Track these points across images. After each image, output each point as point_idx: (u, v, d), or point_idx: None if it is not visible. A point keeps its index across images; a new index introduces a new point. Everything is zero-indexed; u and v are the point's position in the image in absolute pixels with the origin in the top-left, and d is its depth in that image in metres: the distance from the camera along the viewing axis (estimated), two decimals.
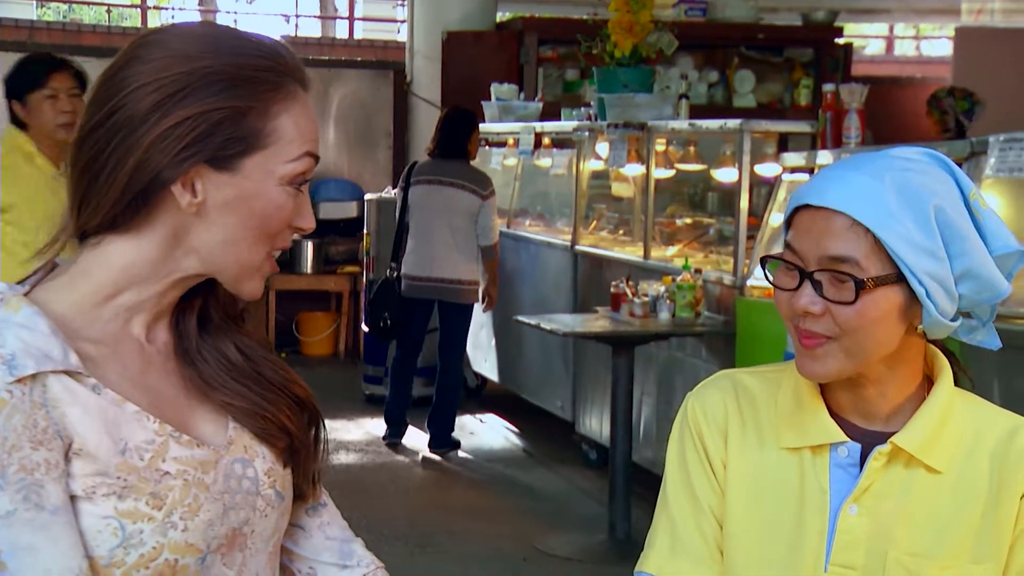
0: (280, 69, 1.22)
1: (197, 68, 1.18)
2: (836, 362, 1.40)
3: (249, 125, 1.18)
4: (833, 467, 1.45)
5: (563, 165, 7.05)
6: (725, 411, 1.51)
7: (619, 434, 5.05)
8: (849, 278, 1.36)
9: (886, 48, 17.33)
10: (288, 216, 1.22)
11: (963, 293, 1.40)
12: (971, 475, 1.45)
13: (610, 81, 6.26)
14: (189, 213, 1.19)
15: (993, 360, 3.57)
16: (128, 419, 1.17)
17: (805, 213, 1.40)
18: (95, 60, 10.52)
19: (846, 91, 4.98)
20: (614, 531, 4.96)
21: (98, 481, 1.14)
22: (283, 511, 1.30)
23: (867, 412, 1.46)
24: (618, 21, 6.20)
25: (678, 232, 6.25)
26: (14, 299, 1.16)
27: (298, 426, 1.31)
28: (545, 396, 6.82)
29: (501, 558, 4.92)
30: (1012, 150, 3.67)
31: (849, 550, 1.43)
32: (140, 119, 1.16)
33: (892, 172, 1.38)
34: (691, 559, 1.49)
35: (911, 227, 1.36)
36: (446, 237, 6.25)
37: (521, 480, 6.11)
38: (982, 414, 1.49)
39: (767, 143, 5.37)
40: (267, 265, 1.24)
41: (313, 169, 1.24)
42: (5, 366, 1.11)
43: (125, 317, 1.22)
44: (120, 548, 1.14)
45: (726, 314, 5.10)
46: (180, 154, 1.16)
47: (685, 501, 1.51)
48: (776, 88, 9.00)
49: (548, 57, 8.77)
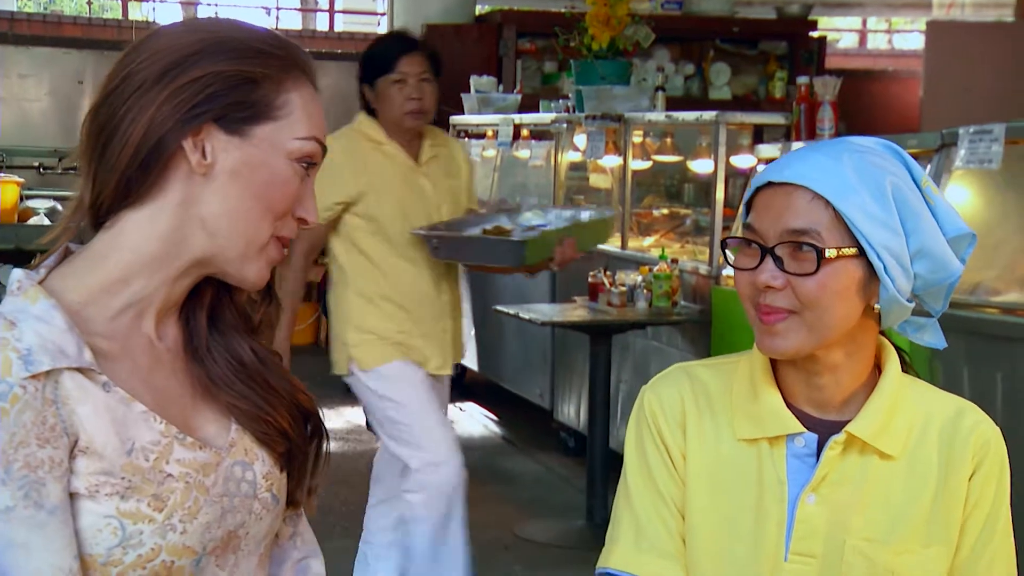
0: (292, 54, 1.23)
1: (211, 36, 1.20)
2: (798, 337, 1.40)
3: (261, 93, 1.19)
4: (790, 457, 1.46)
5: (541, 156, 7.05)
6: (682, 404, 1.51)
7: (597, 421, 5.06)
8: (811, 249, 1.37)
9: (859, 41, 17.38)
10: (292, 196, 1.21)
11: (918, 272, 1.41)
12: (922, 459, 1.46)
13: (588, 73, 6.26)
14: (198, 174, 1.18)
15: (962, 349, 3.60)
16: (135, 419, 1.16)
17: (765, 192, 1.42)
18: (75, 52, 10.49)
19: (820, 84, 4.99)
20: (592, 517, 4.98)
21: (102, 480, 1.13)
22: (277, 514, 1.29)
23: (821, 401, 1.46)
24: (595, 14, 6.20)
25: (655, 223, 6.26)
26: (32, 289, 1.15)
27: (298, 433, 1.30)
28: (524, 384, 6.82)
29: (481, 545, 4.92)
30: (982, 142, 3.68)
31: (808, 539, 1.44)
32: (153, 80, 1.17)
33: (849, 153, 1.41)
34: (656, 553, 1.49)
35: (869, 201, 1.37)
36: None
37: (500, 467, 6.12)
38: (929, 398, 1.50)
39: (742, 135, 5.38)
40: (273, 249, 1.23)
41: (320, 159, 1.24)
42: (21, 361, 1.10)
43: (137, 311, 1.20)
44: (119, 548, 1.13)
45: (702, 303, 5.11)
46: (191, 111, 1.17)
47: (647, 495, 1.51)
48: (751, 81, 9.01)
49: (527, 50, 8.76)
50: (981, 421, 1.48)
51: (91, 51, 10.31)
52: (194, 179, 1.19)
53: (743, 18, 9.21)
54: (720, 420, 1.49)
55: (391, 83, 3.57)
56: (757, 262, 1.40)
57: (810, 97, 5.00)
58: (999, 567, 1.47)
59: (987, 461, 1.46)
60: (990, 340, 3.55)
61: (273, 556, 1.36)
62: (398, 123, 3.60)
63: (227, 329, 1.28)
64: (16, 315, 1.13)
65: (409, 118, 3.60)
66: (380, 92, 3.60)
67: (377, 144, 3.63)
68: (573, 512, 5.19)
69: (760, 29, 9.14)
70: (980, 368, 3.58)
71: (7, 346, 1.10)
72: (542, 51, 8.69)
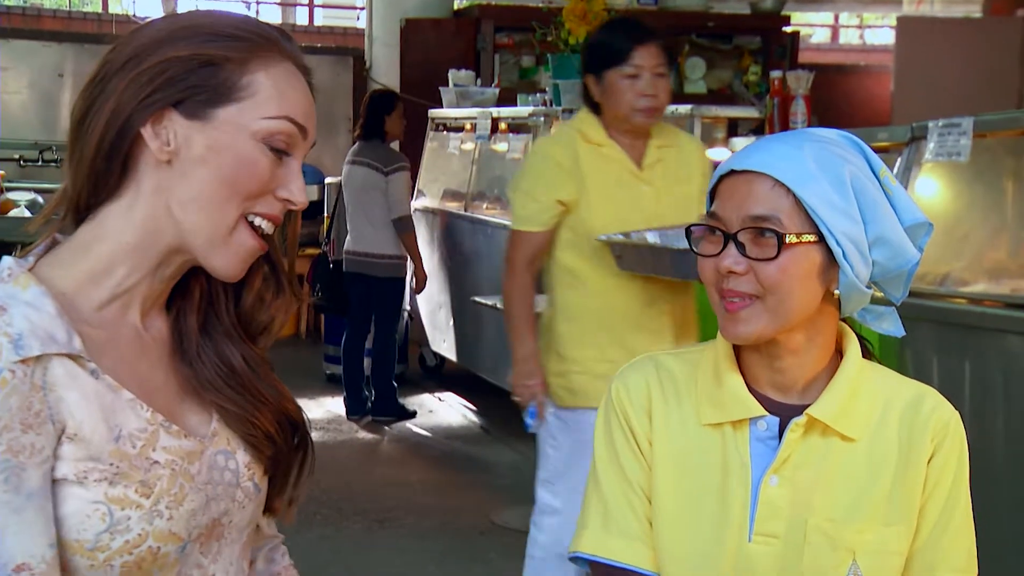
0: (265, 36, 1.20)
1: (177, 24, 1.19)
2: (760, 322, 1.41)
3: (223, 76, 1.17)
4: (753, 441, 1.47)
5: (519, 149, 7.04)
6: (648, 392, 1.52)
7: None
8: (772, 234, 1.38)
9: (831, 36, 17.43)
10: (264, 178, 1.18)
11: (876, 259, 1.43)
12: (882, 442, 1.47)
13: (565, 67, 6.27)
14: (163, 162, 1.16)
15: (932, 339, 3.62)
16: (123, 406, 1.15)
17: (728, 180, 1.44)
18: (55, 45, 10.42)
19: (793, 78, 5.01)
20: None
21: (90, 466, 1.12)
22: (259, 503, 1.29)
23: (783, 385, 1.48)
24: (572, 9, 6.21)
25: None
26: (22, 275, 1.15)
27: (284, 439, 1.29)
28: (502, 374, 6.79)
29: (459, 532, 4.94)
30: (950, 135, 3.70)
31: (771, 520, 1.45)
32: (117, 69, 1.17)
33: (810, 143, 1.42)
34: (624, 536, 1.50)
35: (828, 189, 1.39)
36: (361, 214, 6.45)
37: (478, 456, 6.13)
38: (890, 383, 1.52)
39: (717, 128, 5.41)
40: (244, 235, 1.19)
41: (296, 138, 1.20)
42: (12, 345, 1.09)
43: (122, 302, 1.20)
44: (107, 533, 1.12)
45: None
46: (149, 97, 1.15)
47: (615, 480, 1.52)
48: (726, 75, 9.04)
49: (504, 44, 8.75)
50: (940, 405, 1.50)
51: (71, 44, 10.24)
52: (161, 167, 1.17)
53: (718, 13, 9.23)
54: (685, 406, 1.51)
55: (623, 76, 3.14)
56: (720, 248, 1.42)
57: (783, 91, 5.02)
58: (959, 549, 1.49)
59: (946, 444, 1.48)
60: (959, 330, 3.58)
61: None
62: (626, 119, 3.19)
63: (219, 335, 1.26)
64: (7, 301, 1.12)
65: (640, 115, 3.18)
66: (608, 85, 3.17)
67: (596, 146, 3.22)
68: None
69: (734, 24, 9.17)
70: (949, 357, 3.60)
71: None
72: (520, 45, 8.69)
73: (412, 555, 4.64)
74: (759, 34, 9.06)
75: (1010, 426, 3.40)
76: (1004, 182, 4.00)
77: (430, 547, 4.74)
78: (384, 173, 6.34)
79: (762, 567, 1.45)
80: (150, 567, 1.16)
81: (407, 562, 4.57)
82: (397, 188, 6.36)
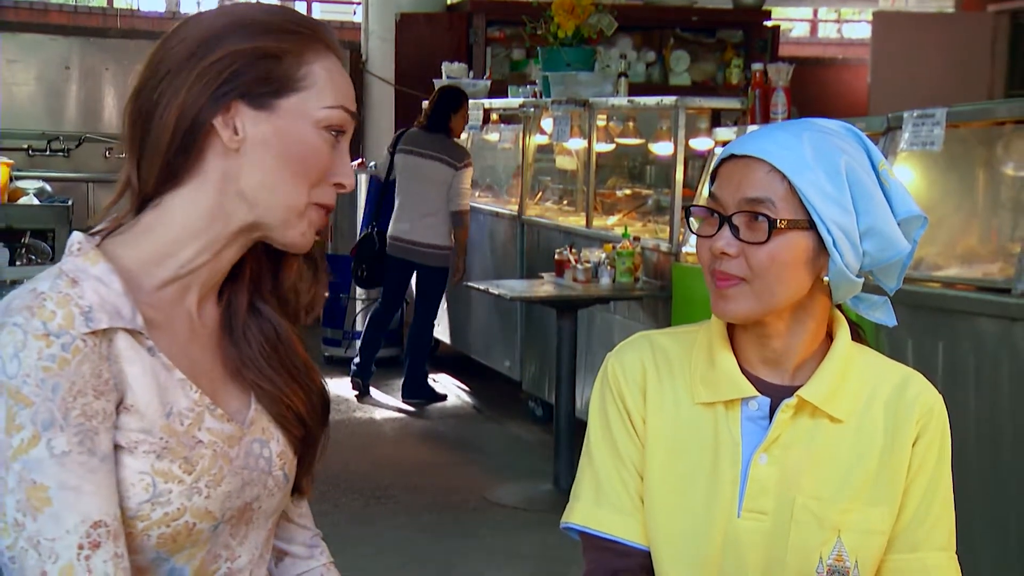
0: (313, 29, 1.22)
1: (233, 18, 1.20)
2: (747, 303, 1.41)
3: (283, 68, 1.18)
4: (744, 420, 1.47)
5: (510, 139, 7.03)
6: (643, 370, 1.51)
7: (563, 392, 5.07)
8: (764, 219, 1.38)
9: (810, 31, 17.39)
10: (326, 162, 1.21)
11: (867, 250, 1.42)
12: (869, 424, 1.47)
13: (554, 60, 6.25)
14: (232, 150, 1.18)
15: (906, 321, 3.63)
16: (175, 385, 1.17)
17: (728, 164, 1.43)
18: (62, 38, 10.36)
19: (773, 70, 5.00)
20: (558, 482, 5.00)
21: (142, 437, 1.14)
22: (286, 492, 1.30)
23: (775, 367, 1.47)
24: (561, 4, 6.19)
25: (618, 202, 6.26)
26: (92, 251, 1.17)
27: (313, 419, 1.30)
28: (494, 357, 6.83)
29: (452, 508, 4.94)
30: (924, 125, 3.70)
31: (760, 497, 1.45)
32: (181, 65, 1.18)
33: (810, 132, 1.42)
34: (615, 509, 1.50)
35: (823, 178, 1.38)
36: (421, 205, 6.38)
37: (471, 435, 6.13)
38: (877, 366, 1.51)
39: (700, 119, 5.39)
40: (314, 214, 1.22)
41: (349, 127, 1.23)
42: (83, 317, 1.11)
43: (182, 285, 1.21)
44: (148, 503, 1.14)
45: (663, 279, 5.12)
46: (218, 90, 1.17)
47: (608, 456, 1.51)
48: (709, 67, 9.01)
49: (496, 37, 8.72)
50: (925, 390, 1.49)
51: (77, 38, 10.20)
52: (229, 155, 1.19)
53: (701, 8, 9.20)
54: (679, 385, 1.50)
55: None
56: (716, 230, 1.41)
57: (764, 83, 5.00)
58: (941, 529, 1.49)
59: (930, 428, 1.47)
60: (932, 312, 3.58)
61: (283, 534, 1.38)
62: None
63: (262, 313, 1.28)
64: (78, 274, 1.14)
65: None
66: None
67: None
68: (540, 477, 5.21)
69: (717, 18, 9.14)
70: (923, 338, 3.61)
71: (70, 302, 1.11)
72: (511, 39, 8.66)
73: (407, 531, 4.65)
74: (741, 28, 9.04)
75: (980, 405, 3.41)
76: (976, 171, 4.00)
77: (425, 523, 4.74)
78: (456, 168, 6.32)
79: (750, 542, 1.45)
80: (184, 542, 1.17)
81: (402, 537, 4.57)
82: (462, 183, 6.33)
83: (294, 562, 1.39)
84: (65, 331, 1.10)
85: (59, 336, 1.09)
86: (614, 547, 1.50)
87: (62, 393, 1.09)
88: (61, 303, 1.11)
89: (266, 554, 1.30)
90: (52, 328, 1.09)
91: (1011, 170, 3.83)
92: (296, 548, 1.39)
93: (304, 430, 1.29)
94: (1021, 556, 3.30)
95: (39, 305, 1.10)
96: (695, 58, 8.95)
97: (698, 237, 1.44)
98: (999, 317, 3.38)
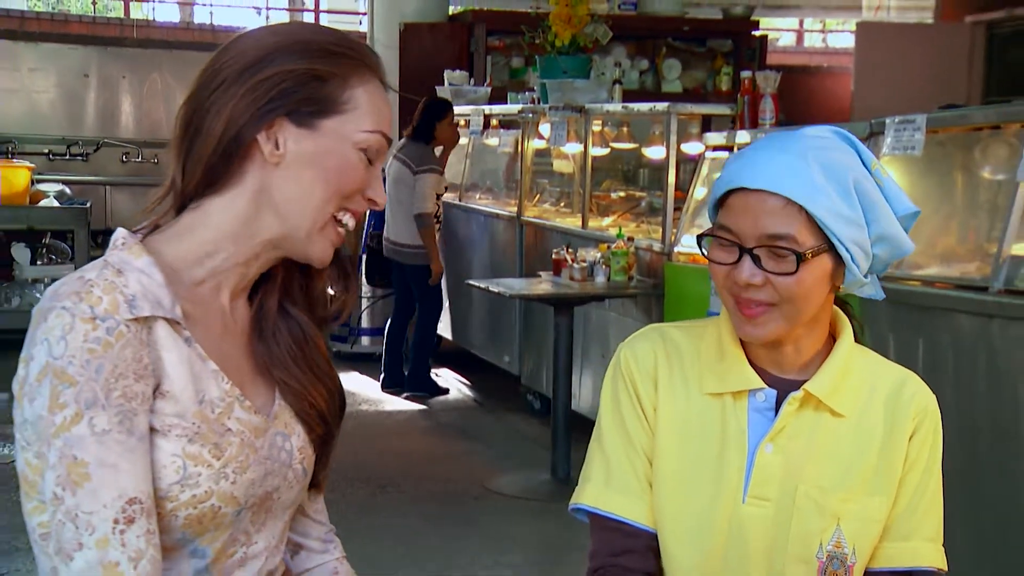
0: (360, 53, 1.23)
1: (286, 38, 1.21)
2: (776, 326, 1.41)
3: (329, 90, 1.20)
4: (751, 411, 1.47)
5: (509, 144, 7.03)
6: (655, 360, 1.51)
7: (560, 385, 5.07)
8: (789, 252, 1.37)
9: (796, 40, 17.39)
10: (361, 180, 1.22)
11: (877, 254, 1.42)
12: (868, 419, 1.48)
13: (551, 68, 6.25)
14: (272, 164, 1.20)
15: (888, 317, 3.63)
16: (208, 375, 1.18)
17: (739, 195, 1.40)
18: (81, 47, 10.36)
19: (761, 78, 5.00)
20: (556, 472, 4.99)
21: (175, 422, 1.15)
22: (304, 486, 1.31)
23: (782, 363, 1.48)
24: (558, 14, 6.18)
25: (612, 204, 6.26)
26: (135, 245, 1.19)
27: (332, 418, 1.31)
28: (494, 352, 6.82)
29: (454, 497, 4.94)
30: (905, 130, 3.71)
31: (764, 484, 1.45)
32: (233, 78, 1.19)
33: (813, 151, 1.39)
34: (624, 492, 1.50)
35: (837, 200, 1.37)
36: (396, 206, 6.44)
37: (472, 427, 6.13)
38: (877, 366, 1.52)
39: (692, 124, 5.38)
40: (332, 229, 1.23)
41: (384, 150, 1.24)
42: (127, 304, 1.13)
43: (215, 283, 1.23)
44: (178, 485, 1.15)
45: (655, 277, 5.12)
46: (265, 106, 1.18)
47: (618, 441, 1.51)
48: (700, 75, 9.01)
49: (496, 46, 8.71)
50: (922, 390, 1.51)
51: (95, 47, 10.19)
52: (268, 168, 1.20)
53: (692, 18, 9.20)
54: (689, 376, 1.50)
55: None
56: (734, 259, 1.40)
57: (753, 90, 5.00)
58: (931, 520, 1.50)
59: (924, 425, 1.49)
60: (912, 309, 3.59)
61: (299, 528, 1.38)
62: None
63: (291, 315, 1.29)
64: (122, 265, 1.16)
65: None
66: None
67: None
68: (538, 467, 5.20)
69: (708, 28, 9.13)
70: (903, 334, 3.61)
71: (115, 289, 1.13)
72: (510, 47, 8.65)
73: (411, 518, 4.65)
74: (730, 38, 9.03)
75: (959, 396, 3.42)
76: (954, 174, 4.00)
77: (427, 511, 4.74)
78: (413, 172, 6.33)
79: (754, 527, 1.45)
80: (208, 524, 1.17)
81: (406, 524, 4.57)
82: (422, 187, 6.32)
83: (309, 555, 1.39)
84: (110, 316, 1.11)
85: (104, 320, 1.11)
86: (622, 527, 1.50)
87: (105, 374, 1.10)
88: (107, 290, 1.12)
89: (281, 544, 1.31)
90: (98, 312, 1.11)
91: (988, 174, 3.83)
92: (311, 542, 1.40)
93: (325, 428, 1.30)
94: (996, 542, 3.31)
95: (87, 291, 1.12)
96: (686, 66, 8.95)
97: (714, 264, 1.42)
98: (976, 314, 3.38)
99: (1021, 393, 3.23)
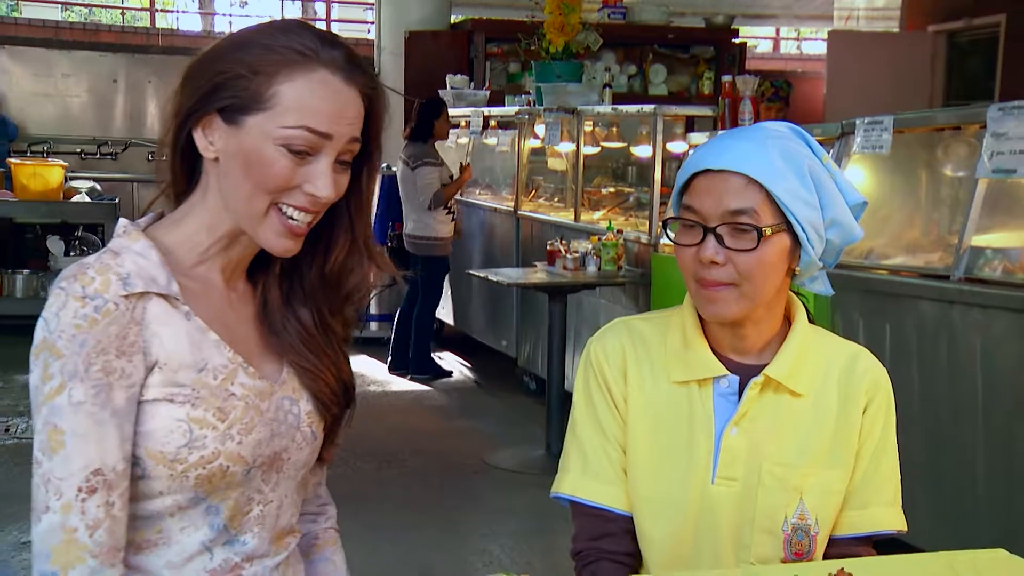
0: (310, 51, 1.15)
1: (233, 38, 1.19)
2: (737, 305, 1.39)
3: (253, 87, 1.15)
4: (716, 396, 1.45)
5: (507, 143, 7.02)
6: (623, 353, 1.49)
7: (554, 367, 5.07)
8: (750, 228, 1.35)
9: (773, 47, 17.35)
10: (284, 176, 1.15)
11: (829, 238, 1.41)
12: (825, 396, 1.46)
13: (546, 73, 6.23)
14: (210, 159, 1.18)
15: (858, 304, 3.63)
16: (209, 345, 1.18)
17: (702, 178, 1.39)
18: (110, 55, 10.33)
19: (741, 82, 4.99)
20: (550, 447, 5.00)
21: (176, 390, 1.14)
22: (314, 449, 1.28)
23: (742, 348, 1.46)
24: (552, 22, 6.16)
25: (603, 199, 6.25)
26: (134, 232, 1.19)
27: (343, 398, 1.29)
28: (493, 336, 6.82)
29: (455, 471, 4.94)
30: (874, 131, 3.70)
31: (731, 465, 1.44)
32: (186, 79, 1.19)
33: (772, 139, 1.39)
34: (600, 480, 1.49)
35: (794, 182, 1.36)
36: (405, 203, 6.45)
37: (472, 406, 6.13)
38: (831, 345, 1.50)
39: (676, 125, 5.37)
40: (278, 221, 1.17)
41: (318, 142, 1.16)
42: (120, 282, 1.13)
43: (208, 266, 1.22)
44: (185, 448, 1.14)
45: (643, 267, 5.12)
46: (198, 103, 1.17)
47: (592, 432, 1.50)
48: (684, 79, 8.99)
49: (494, 52, 8.69)
50: (873, 365, 1.49)
51: (124, 54, 10.18)
52: (215, 164, 1.18)
53: (677, 27, 9.17)
54: (656, 366, 1.48)
55: None
56: (699, 239, 1.38)
57: (733, 93, 5.00)
58: (888, 486, 1.49)
59: (877, 398, 1.47)
60: (880, 296, 3.59)
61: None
62: None
63: (298, 302, 1.27)
64: (120, 249, 1.17)
65: None
66: None
67: None
68: (533, 443, 5.21)
69: (691, 36, 9.11)
70: (872, 320, 3.61)
71: (110, 270, 1.13)
72: (507, 54, 8.63)
73: (415, 490, 4.65)
74: (712, 45, 9.01)
75: (923, 378, 3.42)
76: (919, 171, 4.00)
77: (430, 484, 4.74)
78: (411, 168, 6.33)
79: (723, 506, 1.44)
80: (218, 483, 1.17)
81: (411, 496, 4.58)
82: (421, 180, 6.32)
83: (301, 522, 1.38)
84: (99, 295, 1.11)
85: (94, 299, 1.11)
86: (600, 513, 1.49)
87: (88, 349, 1.10)
88: (101, 271, 1.13)
89: (297, 501, 1.30)
90: (89, 292, 1.11)
91: (949, 171, 3.83)
92: (306, 507, 1.39)
93: (337, 408, 1.29)
94: (955, 509, 3.31)
95: (82, 273, 1.13)
96: (671, 71, 8.93)
97: (679, 246, 1.41)
98: (938, 300, 3.38)
99: (979, 372, 3.24)
